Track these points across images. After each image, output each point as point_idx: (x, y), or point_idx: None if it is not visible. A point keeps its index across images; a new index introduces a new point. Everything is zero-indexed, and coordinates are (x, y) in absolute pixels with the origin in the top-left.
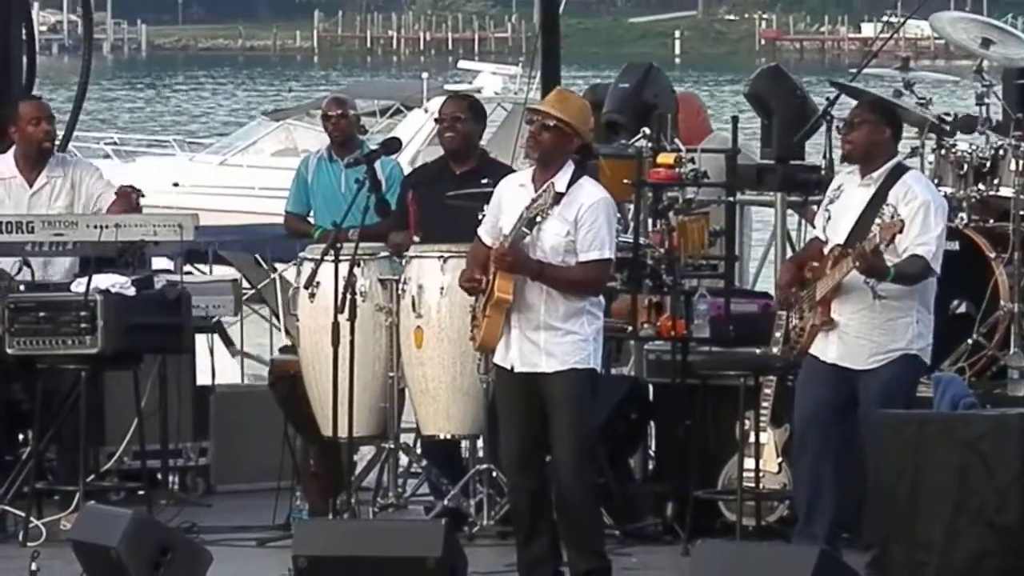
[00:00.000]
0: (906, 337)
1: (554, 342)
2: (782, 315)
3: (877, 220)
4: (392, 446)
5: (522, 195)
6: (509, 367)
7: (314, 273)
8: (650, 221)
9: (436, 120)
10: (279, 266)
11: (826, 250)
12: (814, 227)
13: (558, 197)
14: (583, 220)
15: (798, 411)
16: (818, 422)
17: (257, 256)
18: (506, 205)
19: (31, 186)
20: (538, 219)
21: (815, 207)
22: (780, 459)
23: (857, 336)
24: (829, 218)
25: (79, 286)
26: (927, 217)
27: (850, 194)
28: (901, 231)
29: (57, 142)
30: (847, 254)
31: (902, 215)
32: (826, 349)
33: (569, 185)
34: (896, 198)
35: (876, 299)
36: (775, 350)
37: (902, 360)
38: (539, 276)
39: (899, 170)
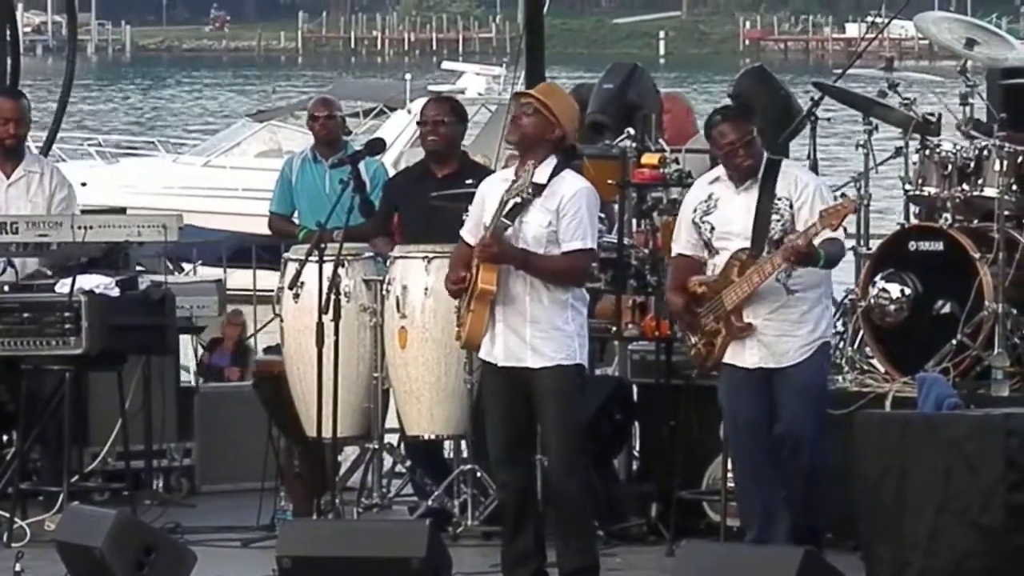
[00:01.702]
0: (822, 326)
1: (540, 337)
2: (688, 337)
3: (775, 216)
4: (376, 446)
5: (505, 191)
6: (494, 361)
7: (298, 273)
8: (634, 221)
9: (418, 123)
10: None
11: (718, 259)
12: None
13: (539, 188)
14: (565, 210)
15: (731, 423)
16: (754, 429)
17: None
18: (489, 202)
19: (8, 177)
20: (518, 200)
21: None
22: None
23: (778, 335)
24: (712, 229)
25: (63, 287)
26: (824, 200)
27: (729, 201)
28: (852, 212)
29: (36, 144)
30: (752, 257)
31: (798, 204)
32: (744, 355)
33: (551, 177)
34: (787, 191)
35: (790, 294)
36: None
37: (821, 348)
38: (523, 264)
39: (770, 164)
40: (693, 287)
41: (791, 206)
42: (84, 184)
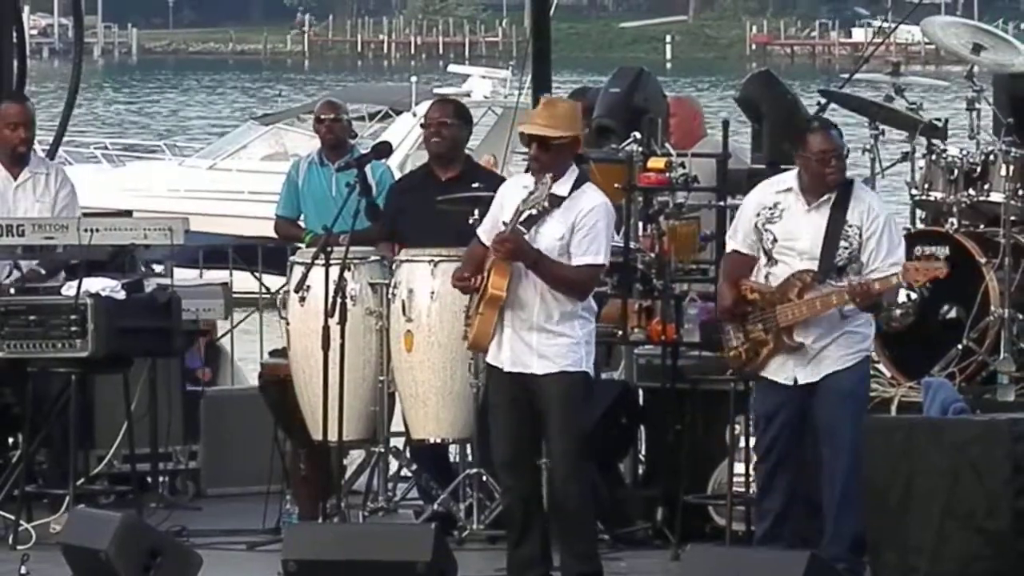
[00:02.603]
0: (867, 339)
1: (546, 344)
2: (727, 325)
3: (843, 242)
4: (382, 450)
5: (520, 200)
6: (500, 366)
7: (305, 277)
8: (640, 225)
9: (422, 125)
10: None
11: (776, 270)
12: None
13: (558, 200)
14: (581, 224)
15: (768, 435)
16: (789, 444)
17: None
18: (508, 205)
19: (15, 180)
20: (533, 212)
21: None
22: None
23: (824, 354)
24: (775, 241)
25: (69, 289)
26: (891, 233)
27: (796, 218)
28: (940, 276)
29: (43, 147)
30: (815, 279)
31: (867, 234)
32: (788, 372)
33: (572, 190)
34: (859, 219)
35: (843, 319)
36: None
37: (866, 359)
38: (536, 265)
39: (845, 187)
40: (746, 290)
41: (860, 234)
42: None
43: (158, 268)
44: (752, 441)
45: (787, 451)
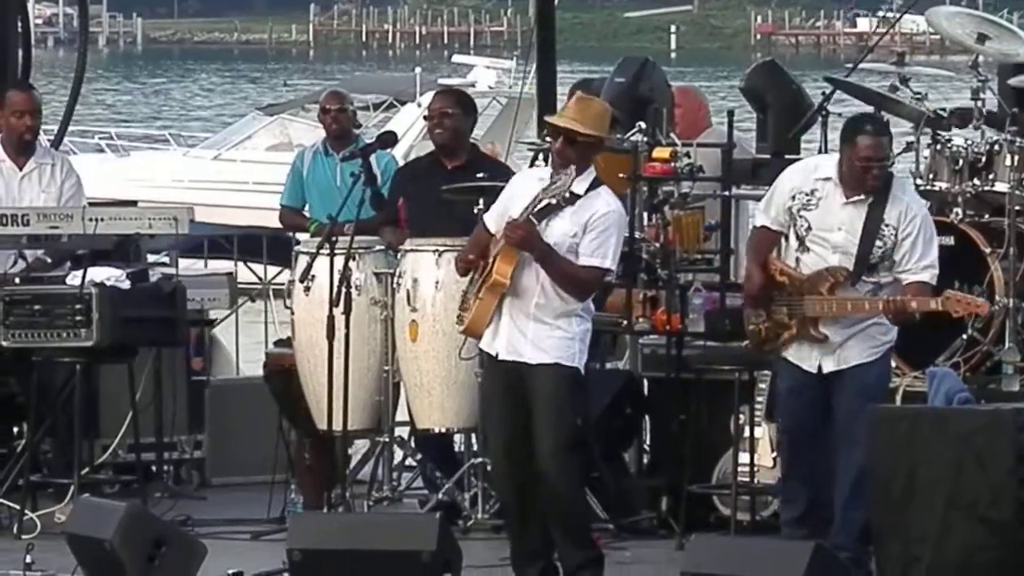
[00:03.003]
0: (893, 331)
1: (542, 335)
2: (750, 312)
3: (878, 241)
4: (387, 440)
5: (537, 190)
6: (494, 353)
7: (309, 267)
8: (645, 215)
9: (425, 116)
10: None
11: (807, 258)
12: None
13: (574, 198)
14: (592, 226)
15: (788, 413)
16: (811, 427)
17: None
18: (519, 196)
19: (20, 170)
20: (552, 201)
21: None
22: (775, 454)
23: (849, 344)
24: (809, 228)
25: (74, 279)
26: (927, 233)
27: (833, 207)
28: (981, 313)
29: (48, 137)
30: (848, 279)
31: (903, 235)
32: (811, 359)
33: (588, 190)
34: (896, 219)
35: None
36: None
37: (890, 351)
38: (543, 257)
39: (884, 184)
40: (775, 271)
41: (896, 235)
42: None
43: (152, 258)
44: (757, 431)
45: (808, 430)
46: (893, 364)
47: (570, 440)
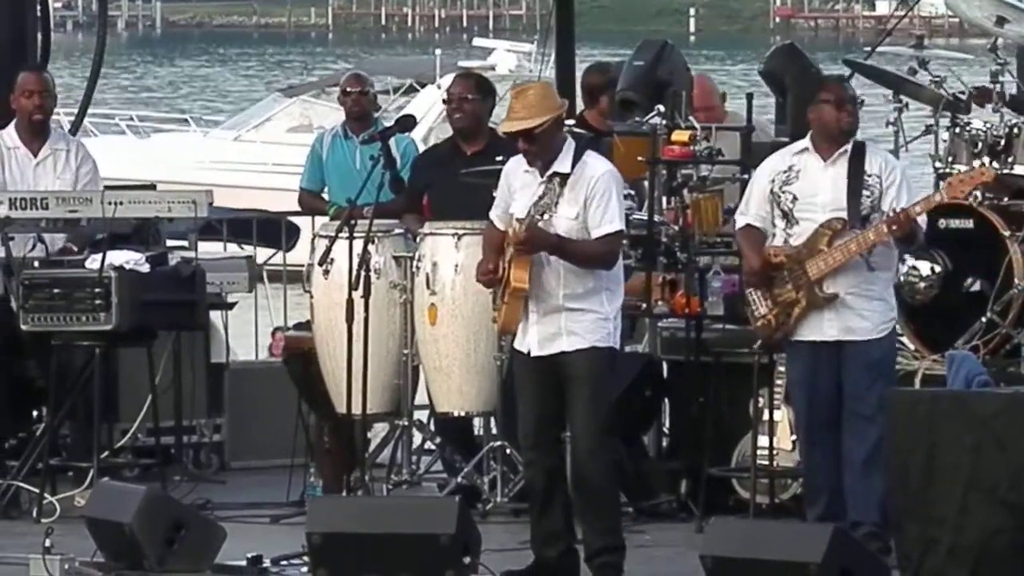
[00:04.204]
0: (893, 306)
1: (574, 320)
2: (753, 294)
3: (864, 191)
4: (406, 423)
5: (529, 180)
6: (527, 351)
7: (328, 250)
8: (664, 199)
9: (444, 100)
10: None
11: (798, 230)
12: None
13: (564, 179)
14: (592, 196)
15: (807, 398)
16: (833, 404)
17: None
18: (515, 190)
19: (35, 156)
20: (546, 215)
21: None
22: (794, 437)
23: (859, 309)
24: (795, 199)
25: (93, 262)
26: (908, 182)
27: (814, 174)
28: (987, 181)
29: (62, 119)
30: (846, 226)
31: (887, 184)
32: (824, 328)
33: (573, 164)
34: (877, 168)
35: (870, 271)
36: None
37: (893, 331)
38: (558, 250)
39: (858, 145)
40: (770, 256)
41: (880, 184)
42: None
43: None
44: (776, 414)
45: (825, 415)
46: (912, 347)
47: (605, 423)
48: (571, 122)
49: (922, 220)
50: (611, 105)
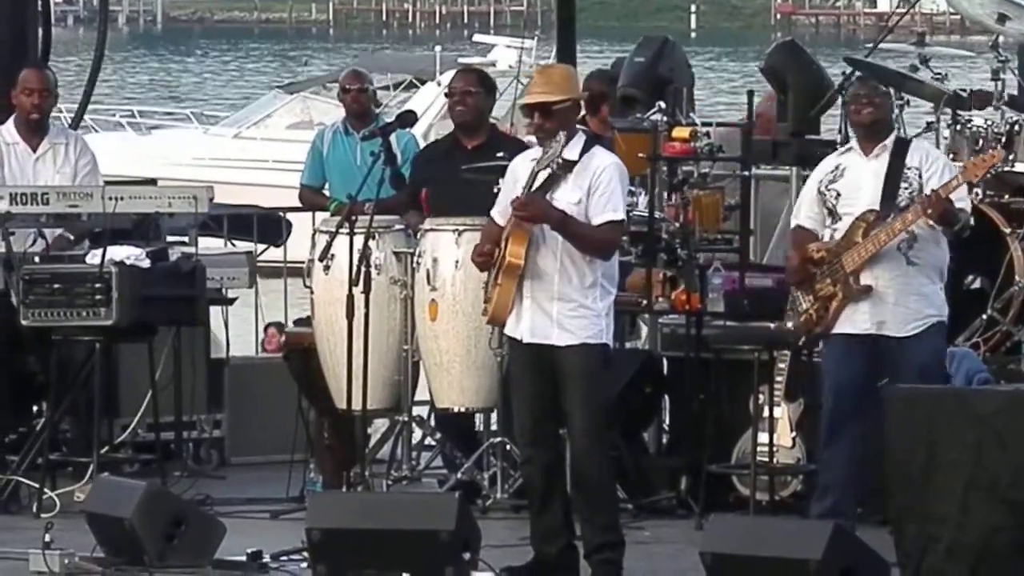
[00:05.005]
0: (936, 304)
1: (567, 315)
2: (795, 292)
3: (903, 183)
4: (406, 419)
5: (534, 172)
6: (520, 338)
7: (329, 246)
8: (665, 195)
9: (446, 95)
10: None
11: (840, 225)
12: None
13: (570, 165)
14: (596, 184)
15: (835, 391)
16: (856, 400)
17: None
18: (520, 180)
19: (34, 151)
20: (548, 171)
21: None
22: (794, 433)
23: (895, 303)
24: (838, 196)
25: (94, 258)
26: (951, 171)
27: (857, 170)
28: (999, 163)
29: (62, 115)
30: (880, 217)
31: (927, 175)
32: (857, 320)
33: (582, 154)
34: (917, 161)
35: (909, 265)
36: (790, 325)
37: (937, 326)
38: (561, 225)
39: (901, 141)
40: (811, 252)
41: (920, 176)
42: None
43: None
44: (776, 411)
45: (847, 407)
46: None
47: (601, 419)
48: None
49: (965, 204)
50: (613, 110)
